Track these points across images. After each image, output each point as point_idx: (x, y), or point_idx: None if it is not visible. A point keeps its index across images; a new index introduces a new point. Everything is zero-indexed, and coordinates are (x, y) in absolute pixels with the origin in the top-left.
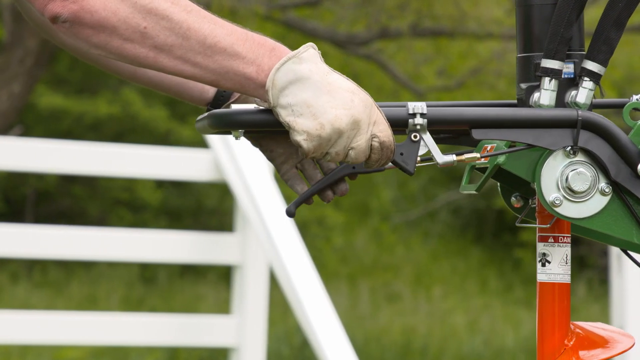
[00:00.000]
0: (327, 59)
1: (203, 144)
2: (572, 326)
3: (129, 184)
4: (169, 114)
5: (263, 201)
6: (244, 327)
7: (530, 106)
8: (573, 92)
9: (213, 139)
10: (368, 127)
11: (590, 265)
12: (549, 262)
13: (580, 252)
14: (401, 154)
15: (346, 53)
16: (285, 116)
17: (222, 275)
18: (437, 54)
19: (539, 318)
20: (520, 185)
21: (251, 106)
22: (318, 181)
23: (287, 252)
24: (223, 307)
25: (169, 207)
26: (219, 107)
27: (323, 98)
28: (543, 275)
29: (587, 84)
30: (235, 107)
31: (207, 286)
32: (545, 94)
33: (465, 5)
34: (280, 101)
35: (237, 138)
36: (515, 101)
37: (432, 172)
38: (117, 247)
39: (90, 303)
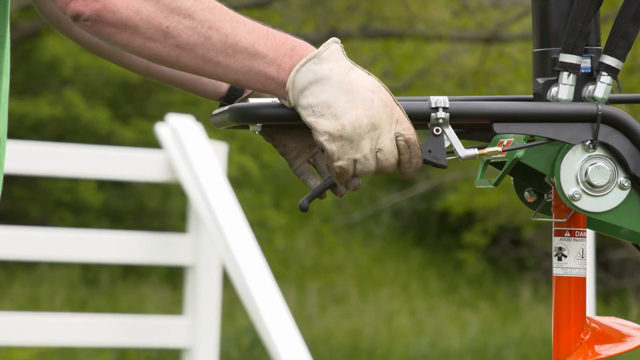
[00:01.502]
0: None
1: (144, 145)
2: (587, 320)
3: (71, 185)
4: (111, 115)
5: (217, 201)
6: (197, 327)
7: (547, 101)
8: (590, 87)
9: (166, 139)
10: (390, 127)
11: (531, 267)
12: (565, 257)
13: (520, 254)
14: (429, 151)
15: None
16: (306, 116)
17: (165, 277)
18: (385, 56)
19: (555, 312)
20: (534, 180)
21: (269, 100)
22: (330, 176)
23: (241, 252)
24: (167, 308)
25: (110, 209)
26: (232, 102)
27: (343, 98)
28: (559, 269)
29: (605, 78)
30: (253, 101)
31: (150, 288)
32: (564, 89)
33: (414, 7)
34: (301, 102)
35: (254, 132)
36: (531, 96)
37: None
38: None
39: (32, 305)
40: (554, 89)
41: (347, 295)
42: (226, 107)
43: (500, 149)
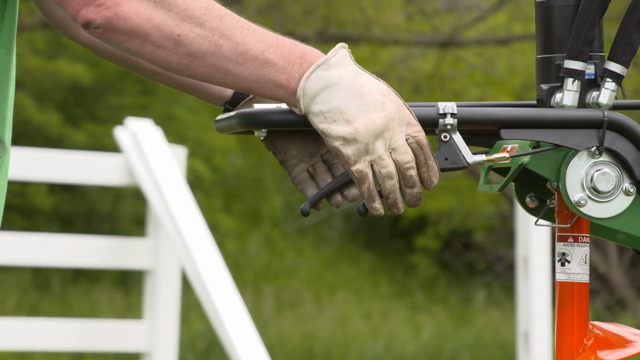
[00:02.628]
0: None
1: (96, 148)
2: (590, 326)
3: (21, 189)
4: (62, 119)
5: (176, 205)
6: (156, 332)
7: (552, 107)
8: (594, 93)
9: (125, 143)
10: (402, 128)
11: (482, 271)
12: (569, 262)
13: (472, 258)
14: (446, 159)
15: None
16: (318, 123)
17: (117, 281)
18: None
19: (558, 317)
20: (535, 186)
21: (274, 105)
22: (328, 183)
23: (201, 256)
24: (121, 312)
25: (61, 213)
26: (236, 107)
27: (354, 102)
28: (562, 274)
29: (610, 84)
30: (258, 106)
31: (102, 292)
32: (569, 95)
33: (370, 11)
34: (312, 109)
35: (260, 137)
36: (534, 102)
37: None
38: (36, 252)
39: None
40: (558, 95)
41: (300, 300)
42: (233, 113)
43: (507, 154)
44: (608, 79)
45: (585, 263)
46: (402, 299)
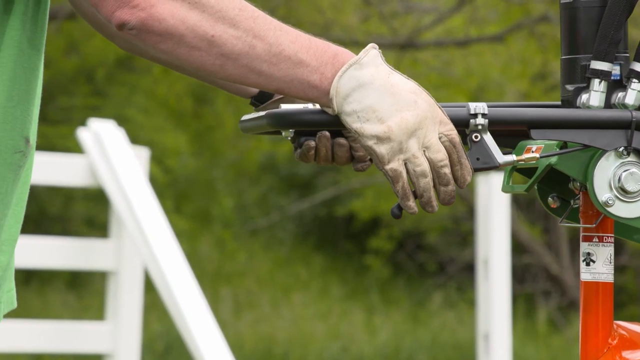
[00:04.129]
0: None
1: (46, 149)
2: (614, 326)
3: None
4: None
5: (140, 206)
6: (119, 333)
7: (578, 107)
8: (620, 94)
9: (88, 144)
10: (434, 127)
11: (436, 272)
12: (594, 262)
13: (425, 259)
14: (477, 159)
15: None
16: (351, 123)
17: (68, 282)
18: None
19: (582, 317)
20: (557, 186)
21: (301, 106)
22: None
23: (165, 256)
24: (76, 313)
25: None
26: (264, 102)
27: (387, 101)
28: (587, 274)
29: (636, 85)
30: (285, 106)
31: (55, 293)
32: (595, 96)
33: (329, 13)
34: (345, 108)
35: (287, 137)
36: (558, 102)
37: (272, 180)
38: None
39: None
40: (584, 96)
41: (255, 301)
42: (262, 114)
43: (537, 155)
44: (634, 80)
45: (610, 263)
46: (355, 300)
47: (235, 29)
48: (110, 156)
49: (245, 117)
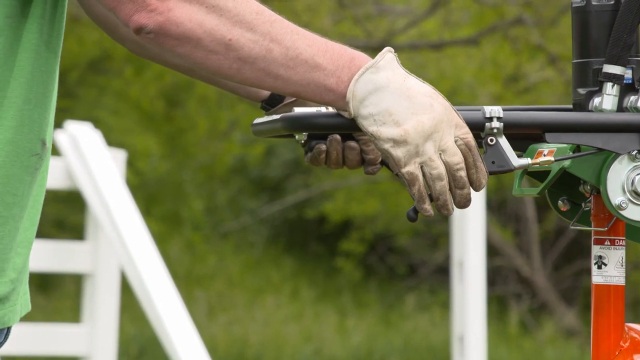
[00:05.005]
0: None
1: None
2: (626, 328)
3: None
4: None
5: (117, 208)
6: (95, 335)
7: (590, 111)
8: (632, 97)
9: (65, 147)
10: (450, 130)
11: (407, 275)
12: (605, 265)
13: (397, 262)
14: (493, 162)
15: None
16: (368, 126)
17: (38, 285)
18: None
19: (594, 320)
20: (567, 189)
21: (314, 109)
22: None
23: (142, 259)
24: (47, 316)
25: None
26: (274, 106)
27: (403, 104)
28: (599, 277)
29: None
30: (299, 110)
31: None
32: (608, 99)
33: (304, 16)
34: (361, 112)
35: (300, 141)
36: (569, 106)
37: (242, 182)
38: None
39: None
40: (596, 100)
41: (227, 304)
42: (277, 117)
43: (552, 158)
44: None
45: (622, 266)
46: (327, 303)
47: (253, 32)
48: (87, 158)
49: (258, 120)
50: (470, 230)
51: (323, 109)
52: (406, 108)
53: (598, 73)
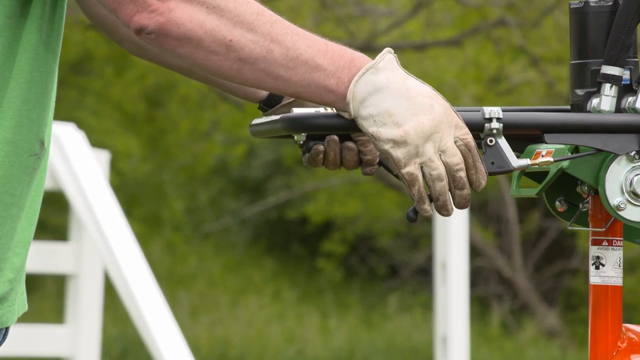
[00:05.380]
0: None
1: None
2: (623, 329)
3: None
4: None
5: (101, 209)
6: (79, 336)
7: (588, 112)
8: (630, 98)
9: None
10: (450, 131)
11: (388, 276)
12: (603, 265)
13: (378, 263)
14: (492, 163)
15: None
16: (368, 127)
17: None
18: None
19: (591, 320)
20: (564, 190)
21: (312, 110)
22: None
23: (126, 259)
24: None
25: None
26: (272, 106)
27: (403, 105)
28: (597, 278)
29: None
30: (297, 111)
31: None
32: (606, 100)
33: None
34: (361, 112)
35: (299, 141)
36: (567, 107)
37: (223, 183)
38: None
39: None
40: (595, 100)
41: (209, 304)
42: (277, 117)
43: (552, 159)
44: None
45: (619, 266)
46: (309, 303)
47: (253, 33)
48: (70, 159)
49: (257, 120)
50: (453, 232)
51: (322, 110)
52: (406, 109)
53: (596, 74)
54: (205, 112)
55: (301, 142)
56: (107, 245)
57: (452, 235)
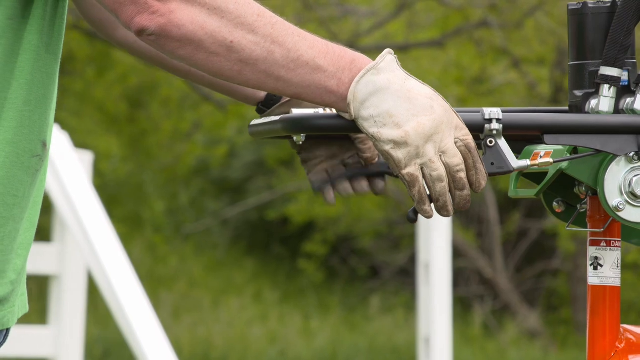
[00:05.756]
0: None
1: None
2: (621, 329)
3: None
4: None
5: (84, 210)
6: (62, 337)
7: (587, 113)
8: (628, 99)
9: None
10: (451, 132)
11: (366, 277)
12: (601, 266)
13: (360, 264)
14: (492, 163)
15: None
16: (368, 128)
17: None
18: None
19: (590, 321)
20: (561, 191)
21: (311, 110)
22: (356, 168)
23: (109, 260)
24: None
25: None
26: (270, 107)
27: (403, 106)
28: (595, 278)
29: None
30: (296, 111)
31: None
32: (605, 101)
33: None
34: (362, 113)
35: (298, 142)
36: (565, 108)
37: (203, 183)
38: None
39: None
40: (593, 101)
41: (189, 306)
42: (276, 118)
43: (551, 160)
44: None
45: (617, 267)
46: (291, 304)
47: (254, 34)
48: (54, 160)
49: (256, 121)
50: (436, 232)
51: (320, 110)
52: (407, 110)
53: (594, 75)
54: (187, 112)
55: (300, 142)
56: (91, 246)
57: (435, 236)
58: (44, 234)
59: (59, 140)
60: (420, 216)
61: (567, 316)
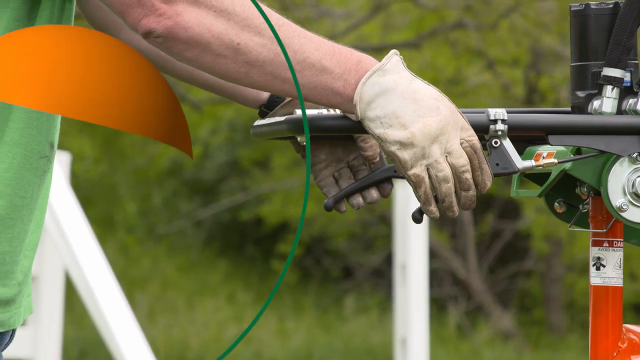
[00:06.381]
0: None
1: None
2: (624, 329)
3: None
4: None
5: (61, 210)
6: (40, 338)
7: (589, 113)
8: (631, 100)
9: None
10: (456, 133)
11: (340, 278)
12: (604, 266)
13: (334, 264)
14: (497, 164)
15: None
16: (374, 129)
17: None
18: None
19: (592, 321)
20: (563, 191)
21: (315, 111)
22: (362, 177)
23: (86, 260)
24: None
25: None
26: (272, 109)
27: (410, 107)
28: (597, 278)
29: None
30: (300, 112)
31: None
32: (608, 102)
33: None
34: (368, 114)
35: (301, 143)
36: (568, 109)
37: (176, 184)
38: None
39: None
40: (596, 102)
41: (163, 307)
42: (282, 119)
43: (556, 160)
44: None
45: (620, 267)
46: (261, 304)
47: (261, 36)
48: None
49: (260, 122)
50: (412, 234)
51: (324, 111)
52: (412, 111)
53: (597, 76)
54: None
55: (304, 143)
56: (69, 246)
57: (412, 237)
58: None
59: None
60: (397, 218)
61: (540, 317)
